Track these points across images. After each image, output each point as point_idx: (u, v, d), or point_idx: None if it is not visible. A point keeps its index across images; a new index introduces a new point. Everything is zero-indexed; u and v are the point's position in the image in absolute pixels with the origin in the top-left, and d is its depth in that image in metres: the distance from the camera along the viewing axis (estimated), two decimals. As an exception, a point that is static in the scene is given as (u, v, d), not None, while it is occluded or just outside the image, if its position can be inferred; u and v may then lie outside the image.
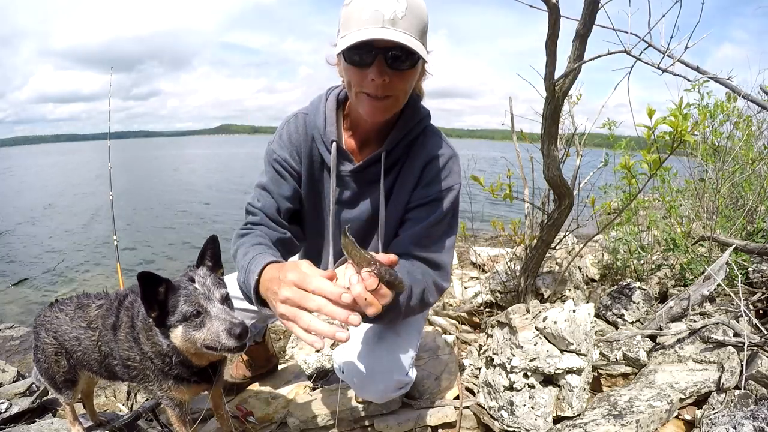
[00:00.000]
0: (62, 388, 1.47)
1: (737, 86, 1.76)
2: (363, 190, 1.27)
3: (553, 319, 1.46)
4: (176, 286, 1.14)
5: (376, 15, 0.98)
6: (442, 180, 1.23)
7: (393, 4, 0.98)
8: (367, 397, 1.37)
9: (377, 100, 1.07)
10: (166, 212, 12.63)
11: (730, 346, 1.54)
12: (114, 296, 1.40)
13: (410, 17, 0.99)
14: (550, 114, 1.75)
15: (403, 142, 1.22)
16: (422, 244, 1.19)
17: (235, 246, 1.18)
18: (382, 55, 1.01)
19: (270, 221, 1.25)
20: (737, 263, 2.04)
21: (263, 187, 1.28)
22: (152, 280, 1.10)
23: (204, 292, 1.14)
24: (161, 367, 1.24)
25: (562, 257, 2.70)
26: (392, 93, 1.07)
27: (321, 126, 1.22)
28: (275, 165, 1.27)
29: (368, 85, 1.04)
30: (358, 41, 0.97)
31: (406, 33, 0.99)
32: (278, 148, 1.27)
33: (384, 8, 0.97)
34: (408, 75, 1.07)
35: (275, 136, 1.30)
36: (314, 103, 1.28)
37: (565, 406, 1.42)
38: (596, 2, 1.48)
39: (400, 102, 1.13)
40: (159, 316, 1.13)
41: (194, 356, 1.20)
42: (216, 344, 1.09)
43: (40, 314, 1.46)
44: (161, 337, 1.17)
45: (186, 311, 1.11)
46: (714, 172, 2.68)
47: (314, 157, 1.27)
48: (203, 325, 1.11)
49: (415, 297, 1.12)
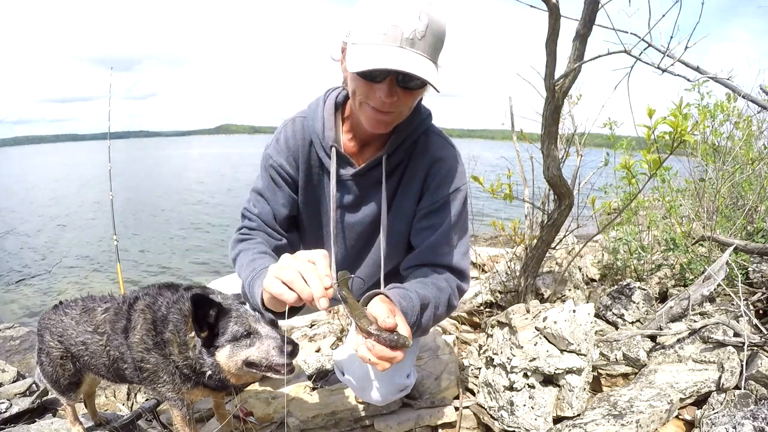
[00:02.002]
0: (66, 390, 1.47)
1: (737, 86, 1.76)
2: (365, 193, 1.25)
3: (553, 319, 1.46)
4: (227, 308, 1.16)
5: (395, 32, 0.92)
6: (449, 183, 1.21)
7: (414, 22, 0.92)
8: (367, 399, 1.37)
9: (381, 114, 1.05)
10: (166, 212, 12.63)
11: (730, 346, 1.54)
12: (122, 299, 1.39)
13: (429, 37, 0.95)
14: (550, 114, 1.75)
15: (405, 145, 1.20)
16: (442, 252, 1.19)
17: (236, 251, 1.17)
18: (394, 75, 0.97)
19: (267, 227, 1.24)
20: (737, 263, 2.04)
21: (259, 193, 1.26)
22: (204, 303, 1.13)
23: (254, 315, 1.17)
24: (187, 374, 1.24)
25: (562, 257, 2.70)
26: (398, 109, 1.05)
27: (319, 130, 1.20)
28: (271, 171, 1.25)
29: (375, 99, 1.02)
30: (372, 68, 0.92)
31: (423, 55, 0.95)
32: (275, 153, 1.25)
33: (404, 25, 0.92)
34: (417, 93, 1.05)
35: (272, 140, 1.28)
36: (312, 107, 1.25)
37: (565, 406, 1.42)
38: (596, 2, 1.48)
39: (403, 116, 1.11)
40: (208, 336, 1.15)
41: (234, 376, 1.21)
42: (265, 362, 1.12)
43: (44, 317, 1.45)
44: (206, 355, 1.18)
45: (236, 331, 1.14)
46: (714, 172, 2.68)
47: (313, 161, 1.25)
48: (252, 345, 1.14)
49: (441, 306, 1.12)
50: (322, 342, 2.56)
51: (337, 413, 1.57)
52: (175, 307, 1.26)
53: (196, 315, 1.12)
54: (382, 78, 0.98)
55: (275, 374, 1.14)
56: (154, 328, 1.26)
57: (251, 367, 1.15)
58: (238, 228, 1.26)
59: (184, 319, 1.22)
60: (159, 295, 1.31)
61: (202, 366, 1.20)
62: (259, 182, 1.28)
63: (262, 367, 1.14)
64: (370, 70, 0.93)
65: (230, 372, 1.18)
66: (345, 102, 1.25)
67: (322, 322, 2.93)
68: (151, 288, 1.36)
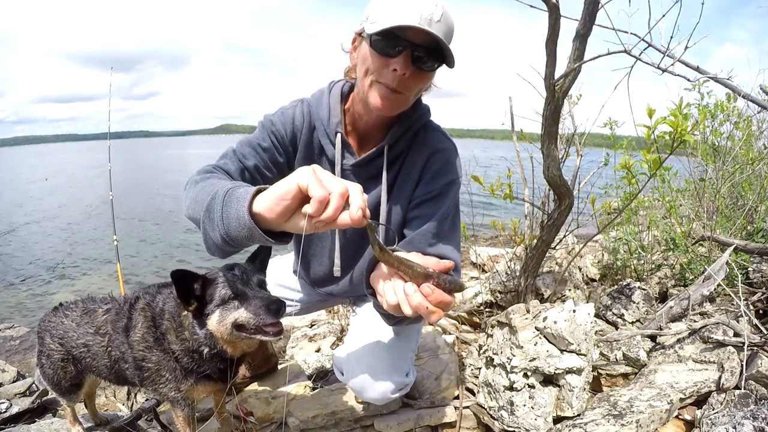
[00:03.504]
0: (67, 392, 1.46)
1: (737, 86, 1.76)
2: (364, 183, 1.26)
3: (553, 319, 1.46)
4: (212, 278, 1.15)
5: (414, 11, 0.98)
6: (444, 174, 1.23)
7: (431, 6, 0.98)
8: (366, 398, 1.37)
9: (391, 92, 1.07)
10: (166, 212, 12.63)
11: (730, 346, 1.54)
12: (123, 300, 1.39)
13: (444, 24, 1.00)
14: (550, 114, 1.76)
15: (405, 137, 1.23)
16: (433, 243, 1.20)
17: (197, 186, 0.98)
18: (411, 49, 1.01)
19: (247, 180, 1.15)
20: (737, 263, 2.05)
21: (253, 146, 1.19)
22: (187, 278, 1.12)
23: (241, 277, 1.16)
24: (187, 366, 1.23)
25: (562, 257, 2.70)
26: (406, 90, 1.08)
27: (325, 117, 1.22)
28: (271, 136, 1.23)
29: (388, 74, 1.04)
30: (395, 25, 0.97)
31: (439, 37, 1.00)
32: (279, 123, 1.24)
33: (423, 8, 0.98)
34: (427, 76, 1.09)
35: (278, 111, 1.27)
36: (316, 96, 1.27)
37: (565, 406, 1.42)
38: (596, 2, 1.48)
39: (408, 101, 1.14)
40: (197, 308, 1.14)
41: (228, 344, 1.19)
42: (253, 321, 1.10)
43: (44, 319, 1.45)
44: (198, 328, 1.17)
45: (223, 294, 1.13)
46: (714, 172, 2.68)
47: (314, 147, 1.27)
48: (240, 306, 1.12)
49: None
50: (322, 342, 2.56)
51: (337, 413, 1.57)
52: (171, 296, 1.26)
53: (180, 290, 1.11)
54: (399, 51, 1.02)
55: (265, 336, 1.13)
56: (153, 323, 1.26)
57: (241, 330, 1.13)
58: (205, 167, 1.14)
59: (177, 304, 1.21)
60: (158, 293, 1.31)
61: (197, 343, 1.19)
62: (256, 138, 1.22)
63: (251, 328, 1.12)
64: (389, 28, 0.98)
65: (223, 339, 1.16)
66: (349, 93, 1.26)
67: (322, 322, 2.93)
68: (151, 287, 1.37)
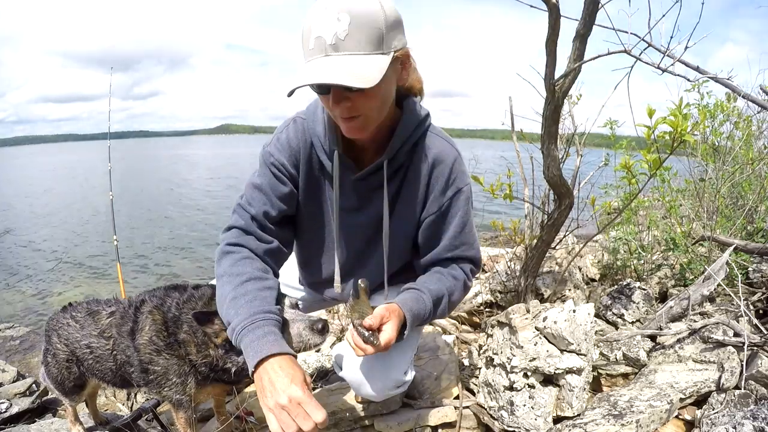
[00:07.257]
0: (70, 392, 1.46)
1: (737, 86, 1.76)
2: (366, 196, 1.26)
3: (553, 319, 1.46)
4: None
5: (318, 43, 0.93)
6: (452, 185, 1.23)
7: (333, 25, 0.91)
8: (365, 394, 1.37)
9: (349, 120, 1.05)
10: (166, 211, 12.63)
11: (730, 346, 1.54)
12: (127, 303, 1.37)
13: (355, 33, 0.92)
14: (550, 114, 1.75)
15: (404, 148, 1.20)
16: (457, 249, 1.29)
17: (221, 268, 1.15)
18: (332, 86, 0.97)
19: (257, 229, 1.21)
20: (737, 263, 2.05)
21: (258, 187, 1.24)
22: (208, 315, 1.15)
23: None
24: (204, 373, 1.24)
25: (562, 257, 2.70)
26: (360, 112, 1.03)
27: (320, 133, 1.20)
28: (272, 168, 1.23)
29: (334, 110, 1.03)
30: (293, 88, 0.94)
31: (354, 53, 0.93)
32: (276, 152, 1.23)
33: (325, 33, 0.92)
34: (370, 94, 1.01)
35: (273, 139, 1.26)
36: (311, 109, 1.24)
37: (565, 406, 1.43)
38: (596, 2, 1.48)
39: (373, 118, 1.08)
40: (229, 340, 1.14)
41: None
42: (301, 344, 1.12)
43: (53, 318, 1.44)
44: (235, 355, 1.18)
45: None
46: (714, 172, 2.68)
47: (314, 163, 1.25)
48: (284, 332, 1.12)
49: (457, 292, 1.28)
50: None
51: (337, 413, 1.57)
52: (187, 306, 1.24)
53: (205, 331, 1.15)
54: (326, 89, 0.99)
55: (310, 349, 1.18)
56: (165, 329, 1.24)
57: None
58: (227, 227, 1.23)
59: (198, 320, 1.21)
60: (167, 296, 1.30)
61: (226, 363, 1.20)
62: (258, 178, 1.25)
63: (300, 350, 1.13)
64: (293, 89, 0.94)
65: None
66: None
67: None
68: (157, 290, 1.35)
